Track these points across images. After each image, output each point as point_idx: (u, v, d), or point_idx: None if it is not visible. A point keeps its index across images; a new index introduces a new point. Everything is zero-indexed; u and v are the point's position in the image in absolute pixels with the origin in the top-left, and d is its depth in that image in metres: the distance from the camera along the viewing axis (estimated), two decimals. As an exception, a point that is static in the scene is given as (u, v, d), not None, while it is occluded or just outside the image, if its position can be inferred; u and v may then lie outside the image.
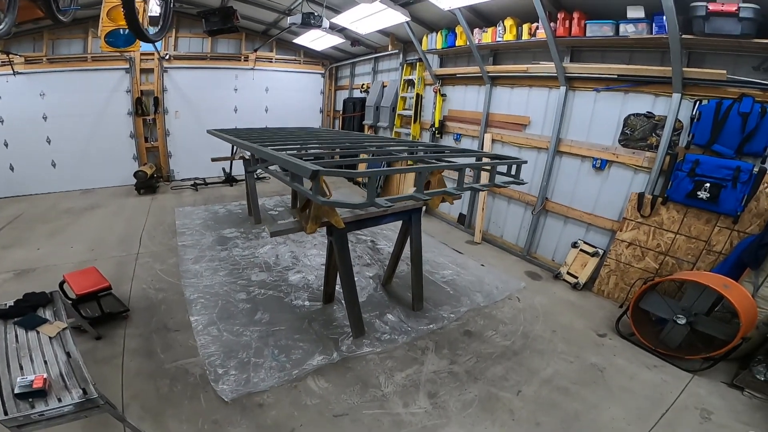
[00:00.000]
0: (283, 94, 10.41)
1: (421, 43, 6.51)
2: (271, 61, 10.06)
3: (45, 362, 2.32)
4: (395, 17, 5.54)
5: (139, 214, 6.90)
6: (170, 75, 9.06)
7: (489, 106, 5.84)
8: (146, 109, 8.83)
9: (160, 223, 6.45)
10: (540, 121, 5.21)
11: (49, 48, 7.88)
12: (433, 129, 6.75)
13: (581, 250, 4.79)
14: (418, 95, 7.13)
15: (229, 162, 8.60)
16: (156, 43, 8.13)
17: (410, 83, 7.55)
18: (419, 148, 4.27)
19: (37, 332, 2.52)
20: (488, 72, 5.65)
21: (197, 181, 9.08)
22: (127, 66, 8.52)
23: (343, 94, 10.54)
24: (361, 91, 9.43)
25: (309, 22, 5.11)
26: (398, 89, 7.76)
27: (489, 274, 5.01)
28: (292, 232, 2.74)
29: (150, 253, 5.17)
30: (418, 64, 7.11)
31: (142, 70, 8.72)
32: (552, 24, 4.35)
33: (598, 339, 3.72)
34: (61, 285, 3.54)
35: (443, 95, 6.70)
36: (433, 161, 3.36)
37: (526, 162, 3.04)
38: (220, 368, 3.10)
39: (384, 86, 8.50)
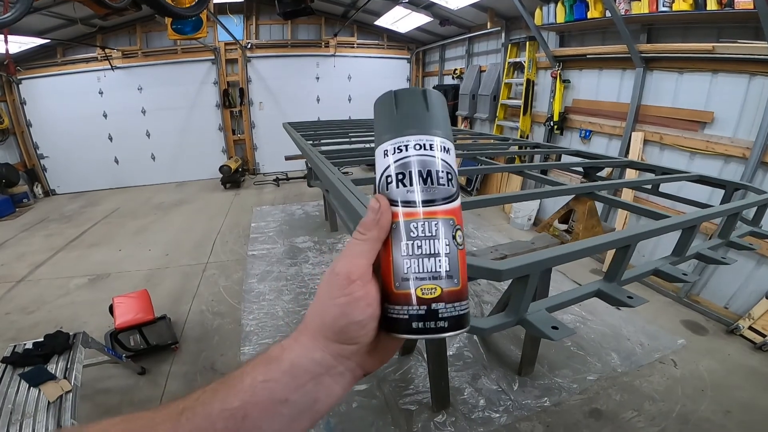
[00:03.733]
0: (367, 82, 9.68)
1: (533, 16, 5.17)
2: (353, 47, 9.40)
3: (33, 435, 1.86)
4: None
5: (219, 213, 6.77)
6: (253, 65, 8.91)
7: (641, 95, 4.33)
8: (233, 100, 8.85)
9: (236, 224, 6.18)
10: (732, 118, 3.61)
11: (143, 41, 8.16)
12: (551, 123, 5.37)
13: (780, 302, 3.31)
14: (528, 81, 5.76)
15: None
16: (236, 32, 7.93)
17: (517, 67, 6.19)
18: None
19: (40, 391, 2.04)
20: (641, 52, 4.15)
21: (279, 176, 8.86)
22: (213, 57, 8.53)
23: (432, 81, 9.48)
24: (453, 78, 8.24)
25: None
26: (501, 74, 6.44)
27: (628, 324, 3.65)
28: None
29: (218, 264, 4.80)
30: (527, 43, 5.77)
31: (227, 61, 8.69)
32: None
33: (792, 422, 2.55)
34: (110, 309, 3.19)
35: (565, 81, 5.25)
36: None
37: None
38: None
39: (482, 71, 7.21)
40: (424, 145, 0.39)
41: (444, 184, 0.39)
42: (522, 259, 1.03)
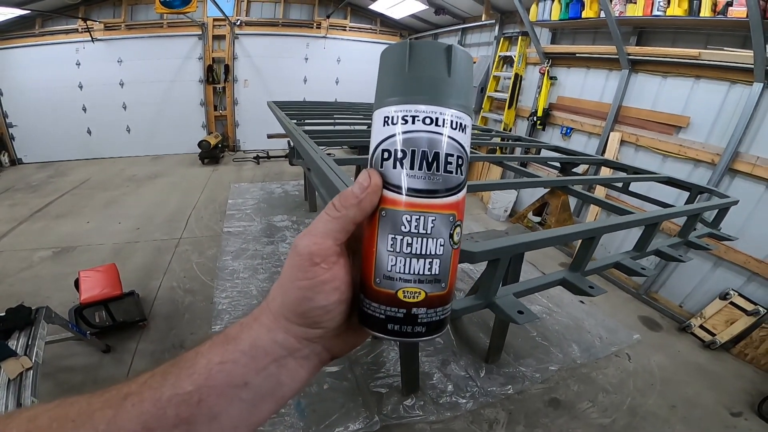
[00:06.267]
0: (356, 66, 9.55)
1: (528, 12, 5.18)
2: (345, 30, 9.22)
3: (-6, 413, 1.76)
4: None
5: (195, 188, 6.59)
6: (241, 42, 8.65)
7: (623, 97, 4.42)
8: (217, 77, 8.60)
9: (212, 200, 6.03)
10: (706, 125, 3.72)
11: (128, 14, 7.81)
12: (534, 118, 5.43)
13: (732, 302, 3.53)
14: (517, 75, 5.79)
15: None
16: (226, 8, 7.68)
17: (507, 61, 6.21)
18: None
19: (0, 368, 1.95)
20: (629, 54, 4.22)
21: (260, 154, 8.69)
22: (200, 32, 8.25)
23: (421, 70, 9.37)
24: (443, 68, 8.21)
25: None
26: (491, 67, 6.46)
27: (590, 317, 3.79)
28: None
29: (192, 240, 4.68)
30: (520, 38, 5.80)
31: (215, 37, 8.41)
32: (762, 1, 3.05)
33: (730, 419, 2.75)
34: (76, 283, 3.08)
35: (552, 78, 5.30)
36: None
37: (737, 202, 1.77)
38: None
39: (473, 62, 7.20)
40: (437, 120, 0.32)
41: (452, 171, 0.33)
42: (493, 242, 1.05)
